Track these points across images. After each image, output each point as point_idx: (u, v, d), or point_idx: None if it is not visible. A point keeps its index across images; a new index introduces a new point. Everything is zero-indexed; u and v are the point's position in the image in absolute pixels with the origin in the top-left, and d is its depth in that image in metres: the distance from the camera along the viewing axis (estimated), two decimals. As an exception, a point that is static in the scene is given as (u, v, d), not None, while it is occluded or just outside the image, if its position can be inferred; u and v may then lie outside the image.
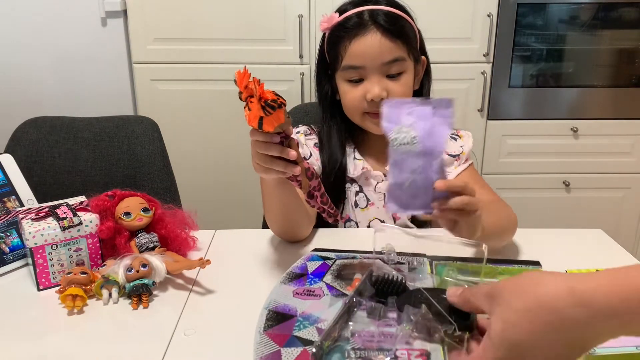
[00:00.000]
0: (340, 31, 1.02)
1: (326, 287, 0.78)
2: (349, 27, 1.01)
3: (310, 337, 0.66)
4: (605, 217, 2.17)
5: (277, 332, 0.67)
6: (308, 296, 0.76)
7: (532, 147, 2.10)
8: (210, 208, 2.06)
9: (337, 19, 1.03)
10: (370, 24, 1.00)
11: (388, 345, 0.63)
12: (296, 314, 0.71)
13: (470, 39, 1.98)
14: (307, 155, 1.11)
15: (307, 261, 0.85)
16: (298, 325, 0.69)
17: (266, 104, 0.75)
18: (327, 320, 0.69)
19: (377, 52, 1.00)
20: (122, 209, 0.89)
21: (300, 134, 1.14)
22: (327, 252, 0.89)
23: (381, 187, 1.11)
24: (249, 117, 0.78)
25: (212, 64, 2.01)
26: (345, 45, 1.01)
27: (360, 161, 1.11)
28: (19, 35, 1.98)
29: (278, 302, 0.74)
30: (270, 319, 0.70)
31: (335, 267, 0.83)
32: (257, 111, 0.76)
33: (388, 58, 1.01)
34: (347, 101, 1.06)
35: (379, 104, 0.96)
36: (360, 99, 1.03)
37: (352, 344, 0.64)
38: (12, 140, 1.32)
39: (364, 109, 1.04)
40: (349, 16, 1.02)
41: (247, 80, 0.78)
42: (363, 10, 1.01)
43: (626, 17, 2.01)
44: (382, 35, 1.00)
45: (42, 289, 0.85)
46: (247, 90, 0.78)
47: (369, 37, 1.00)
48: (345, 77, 1.04)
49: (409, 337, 0.63)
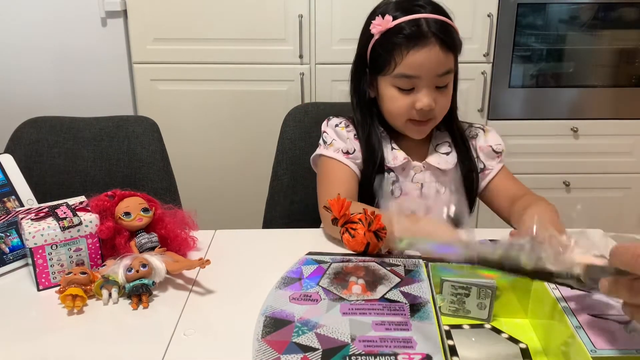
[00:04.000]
0: (397, 37, 1.00)
1: (323, 292, 0.77)
2: (407, 35, 0.99)
3: (309, 343, 0.65)
4: (605, 217, 2.16)
5: (275, 338, 0.66)
6: (305, 301, 0.74)
7: (532, 147, 2.10)
8: (210, 208, 2.07)
9: (391, 23, 1.01)
10: (429, 35, 0.99)
11: (389, 350, 0.63)
12: (294, 319, 0.70)
13: (471, 39, 1.98)
14: (351, 150, 1.11)
15: (302, 265, 0.85)
16: (297, 331, 0.68)
17: (377, 233, 0.87)
18: (326, 326, 0.68)
19: (435, 65, 1.01)
20: (122, 209, 0.89)
21: (342, 127, 1.13)
22: (321, 255, 0.88)
23: (419, 177, 1.12)
24: (352, 242, 0.88)
25: (212, 64, 2.01)
26: (402, 53, 1.00)
27: (399, 151, 1.11)
28: (19, 35, 1.98)
29: (275, 307, 0.73)
30: (267, 325, 0.69)
31: (330, 270, 0.83)
32: (363, 238, 0.87)
33: (442, 70, 1.02)
34: (393, 107, 1.06)
35: (426, 114, 1.03)
36: (408, 108, 1.04)
37: (352, 349, 0.63)
38: (12, 140, 1.32)
39: (411, 116, 1.05)
40: (405, 23, 1.00)
41: (345, 209, 0.89)
42: (420, 19, 1.00)
43: (626, 17, 2.01)
44: (440, 47, 1.00)
45: (42, 289, 0.85)
46: (344, 217, 0.89)
47: (428, 49, 0.99)
48: (396, 83, 1.04)
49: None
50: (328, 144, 1.13)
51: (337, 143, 1.12)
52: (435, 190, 1.12)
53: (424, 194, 1.11)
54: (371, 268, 0.83)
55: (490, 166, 1.14)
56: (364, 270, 0.82)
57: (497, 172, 1.14)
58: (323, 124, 1.16)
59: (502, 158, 1.16)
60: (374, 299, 0.75)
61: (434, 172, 1.12)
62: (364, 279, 0.80)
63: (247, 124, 2.08)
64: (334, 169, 1.10)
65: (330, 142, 1.12)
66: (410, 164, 1.12)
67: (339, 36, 1.97)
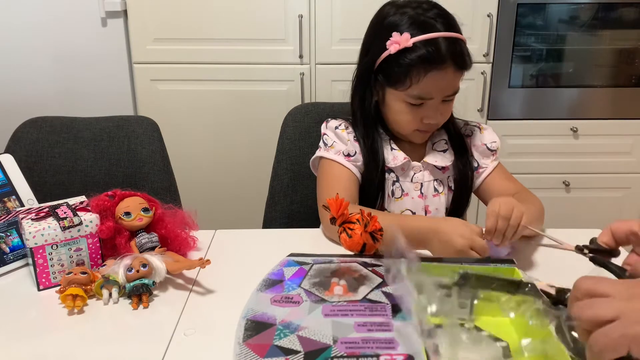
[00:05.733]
0: (413, 57, 1.00)
1: (305, 293, 0.76)
2: (425, 57, 0.99)
3: (291, 346, 0.64)
4: (605, 217, 2.16)
5: (257, 342, 0.66)
6: (287, 303, 0.74)
7: (532, 147, 2.10)
8: (210, 208, 2.06)
9: (410, 42, 0.99)
10: (447, 58, 0.99)
11: (371, 351, 0.63)
12: (275, 322, 0.69)
13: (470, 39, 1.98)
14: (352, 152, 1.12)
15: (283, 267, 0.84)
16: (278, 334, 0.67)
17: (373, 234, 0.87)
18: (308, 328, 0.67)
19: (449, 88, 1.03)
20: (122, 209, 0.89)
21: (342, 130, 1.14)
22: (303, 257, 0.88)
23: (418, 177, 1.12)
24: (349, 242, 0.88)
25: (212, 64, 2.01)
26: (419, 74, 1.00)
27: (399, 152, 1.12)
28: (19, 35, 1.98)
29: (256, 310, 0.72)
30: (249, 328, 0.69)
31: (312, 272, 0.82)
32: (360, 238, 0.86)
33: (454, 90, 1.04)
34: (401, 120, 1.08)
35: (432, 125, 1.07)
36: (416, 121, 1.06)
37: (334, 351, 0.63)
38: (12, 140, 1.32)
39: (417, 128, 1.07)
40: (422, 43, 0.99)
41: (343, 209, 0.88)
42: (437, 39, 0.99)
43: (626, 17, 2.01)
44: (454, 70, 1.01)
45: (42, 289, 0.85)
46: (342, 217, 0.89)
47: (444, 73, 1.00)
48: (407, 100, 1.04)
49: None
50: (329, 146, 1.13)
51: (338, 145, 1.12)
52: (434, 189, 1.13)
53: (423, 193, 1.12)
54: (353, 269, 0.82)
55: (484, 164, 1.15)
56: (346, 271, 0.82)
57: (492, 170, 1.15)
58: (322, 126, 1.16)
59: (497, 156, 1.16)
60: (355, 300, 0.74)
61: (432, 170, 1.13)
62: (346, 280, 0.79)
63: (247, 124, 2.08)
64: (335, 171, 1.11)
65: (331, 144, 1.13)
66: (410, 164, 1.12)
67: (339, 36, 1.97)
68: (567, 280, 0.84)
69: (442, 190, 1.13)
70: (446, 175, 1.14)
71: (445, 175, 1.14)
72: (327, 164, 1.12)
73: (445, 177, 1.14)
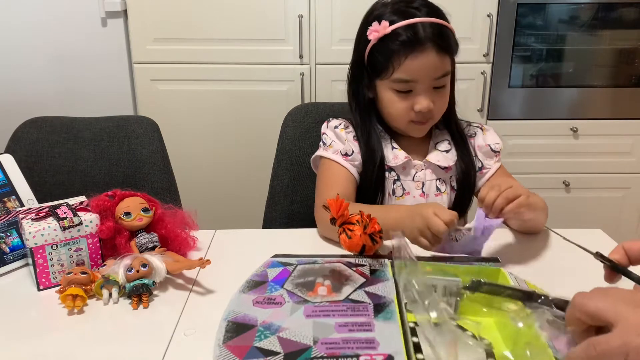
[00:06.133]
0: (394, 43, 1.01)
1: (287, 294, 0.75)
2: (404, 41, 1.00)
3: (271, 347, 0.64)
4: (605, 217, 2.17)
5: (237, 343, 0.65)
6: (269, 304, 0.73)
7: (532, 147, 2.10)
8: (210, 208, 2.07)
9: (388, 28, 1.02)
10: (426, 40, 1.00)
11: (351, 352, 0.63)
12: (256, 323, 0.69)
13: (470, 39, 1.98)
14: (349, 152, 1.12)
15: (267, 268, 0.84)
16: (259, 335, 0.66)
17: (372, 236, 0.86)
18: (289, 329, 0.67)
19: (431, 69, 1.02)
20: (122, 209, 0.89)
21: (341, 129, 1.15)
22: (287, 257, 0.87)
23: (420, 176, 1.13)
24: (348, 243, 0.87)
25: (212, 64, 2.01)
26: (399, 59, 1.01)
27: (400, 151, 1.12)
28: (19, 35, 1.98)
29: (238, 312, 0.72)
30: (229, 330, 0.68)
31: (296, 272, 0.82)
32: (359, 239, 0.86)
33: (439, 73, 1.03)
34: (393, 110, 1.08)
35: (425, 115, 1.05)
36: (407, 110, 1.06)
37: (314, 352, 0.63)
38: (12, 140, 1.32)
39: (410, 118, 1.07)
40: (402, 29, 1.01)
41: (344, 210, 0.87)
42: (416, 24, 1.00)
43: (626, 17, 2.01)
44: (436, 52, 1.01)
45: (42, 289, 0.85)
46: (341, 217, 0.88)
47: (426, 54, 1.00)
48: (394, 87, 1.05)
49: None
50: (327, 145, 1.14)
51: (336, 144, 1.13)
52: (436, 188, 1.13)
53: (425, 192, 1.12)
54: (337, 269, 0.82)
55: (488, 165, 1.15)
56: (330, 271, 0.82)
57: (495, 171, 1.15)
58: (323, 126, 1.17)
59: (499, 157, 1.17)
60: (338, 300, 0.74)
61: (434, 170, 1.13)
62: (331, 280, 0.79)
63: (247, 124, 2.08)
64: (332, 171, 1.12)
65: (330, 144, 1.14)
66: (411, 162, 1.12)
67: (339, 36, 1.97)
68: (555, 280, 0.85)
69: (445, 190, 1.14)
70: (449, 175, 1.14)
71: (448, 175, 1.14)
72: (326, 163, 1.13)
73: (448, 176, 1.14)
